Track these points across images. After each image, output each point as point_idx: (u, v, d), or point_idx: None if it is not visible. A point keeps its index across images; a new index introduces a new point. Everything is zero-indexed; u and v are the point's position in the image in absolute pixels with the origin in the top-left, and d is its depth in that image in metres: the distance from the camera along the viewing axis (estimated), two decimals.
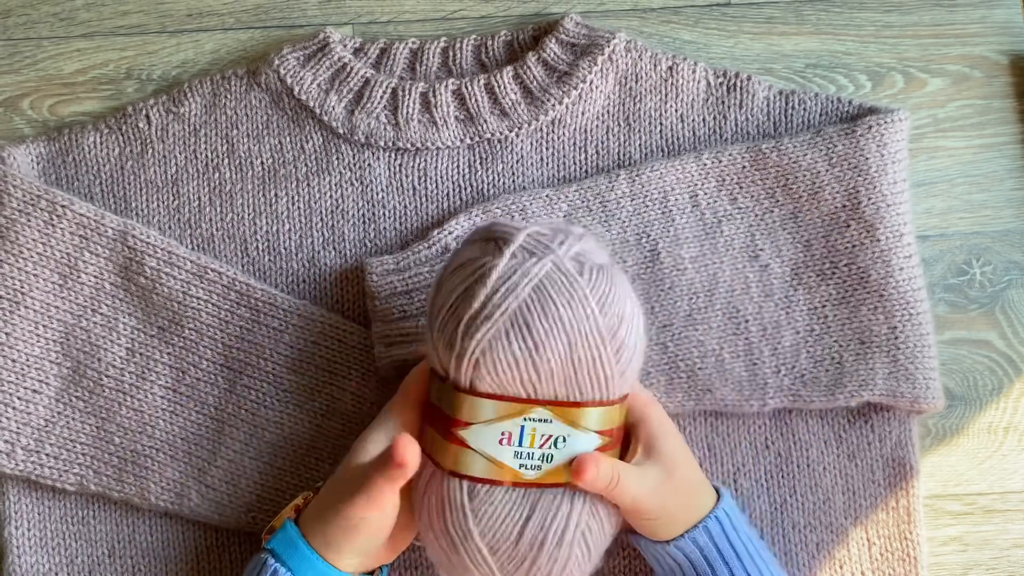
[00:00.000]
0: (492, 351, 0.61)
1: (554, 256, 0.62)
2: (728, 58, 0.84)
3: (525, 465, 0.63)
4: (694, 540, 0.68)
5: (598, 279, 0.62)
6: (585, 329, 0.61)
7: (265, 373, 0.77)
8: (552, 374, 0.61)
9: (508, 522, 0.63)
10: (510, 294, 0.61)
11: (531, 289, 0.61)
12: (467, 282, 0.62)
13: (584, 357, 0.61)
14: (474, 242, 0.65)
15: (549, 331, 0.60)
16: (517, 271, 0.61)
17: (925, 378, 0.76)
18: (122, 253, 0.78)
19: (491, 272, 0.61)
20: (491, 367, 0.61)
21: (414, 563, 0.77)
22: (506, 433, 0.62)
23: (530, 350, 0.60)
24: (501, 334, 0.60)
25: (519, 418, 0.62)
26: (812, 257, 0.78)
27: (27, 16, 0.84)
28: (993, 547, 0.80)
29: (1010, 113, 0.84)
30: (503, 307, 0.61)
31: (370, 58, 0.83)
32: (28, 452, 0.76)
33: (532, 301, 0.61)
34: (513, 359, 0.61)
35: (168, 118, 0.81)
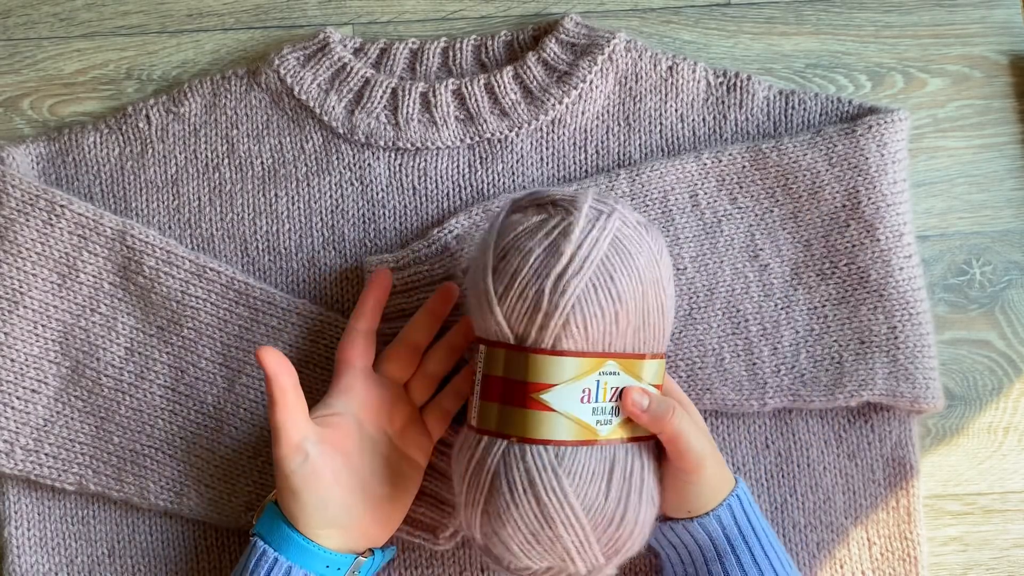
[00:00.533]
0: (582, 304, 0.62)
1: (619, 213, 0.64)
2: (728, 58, 0.84)
3: (600, 421, 0.64)
4: (719, 518, 0.68)
5: (653, 233, 0.66)
6: (654, 277, 0.64)
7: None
8: (629, 324, 0.63)
9: (596, 480, 0.63)
10: (594, 246, 0.63)
11: (610, 242, 0.63)
12: (545, 241, 0.63)
13: (652, 305, 0.64)
14: (524, 208, 0.66)
15: (629, 280, 0.63)
16: (595, 226, 0.63)
17: (925, 378, 0.76)
18: (121, 253, 0.78)
19: (573, 228, 0.63)
20: (579, 322, 0.62)
21: (414, 563, 0.77)
22: (586, 390, 0.63)
23: (614, 300, 0.62)
24: (590, 287, 0.62)
25: (595, 373, 0.63)
26: (812, 257, 0.78)
27: (27, 16, 0.84)
28: (993, 547, 0.80)
29: (1010, 113, 0.84)
30: (590, 258, 0.62)
31: (370, 58, 0.83)
32: (27, 452, 0.76)
33: (612, 253, 0.63)
34: (600, 310, 0.62)
35: (168, 118, 0.81)
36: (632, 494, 0.64)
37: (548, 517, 0.62)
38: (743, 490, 0.70)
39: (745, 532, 0.68)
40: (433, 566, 0.77)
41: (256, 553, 0.67)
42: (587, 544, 0.63)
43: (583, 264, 0.62)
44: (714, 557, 0.68)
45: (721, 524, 0.68)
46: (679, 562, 0.70)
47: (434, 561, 0.77)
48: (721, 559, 0.68)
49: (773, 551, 0.69)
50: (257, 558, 0.67)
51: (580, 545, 0.63)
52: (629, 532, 0.64)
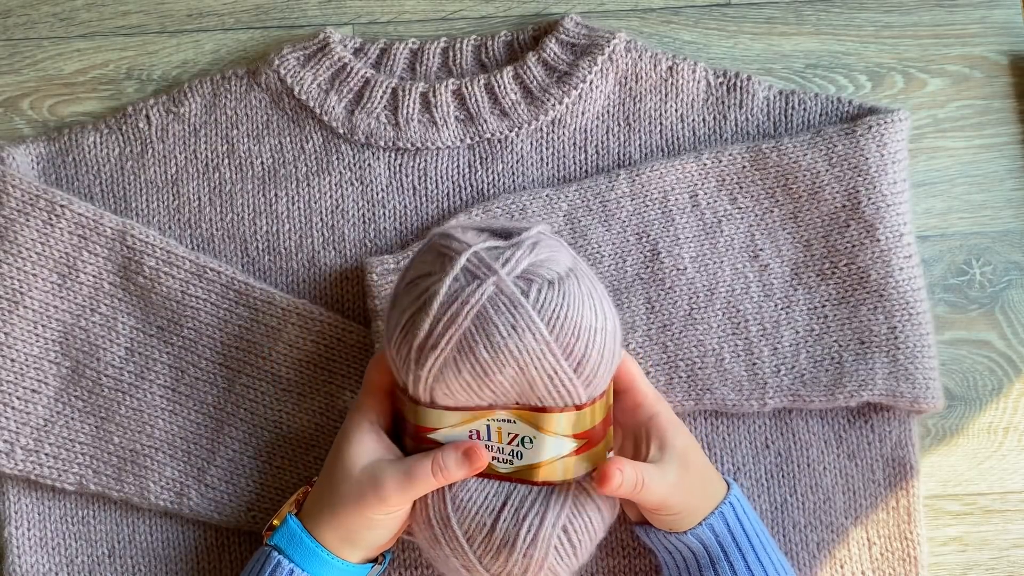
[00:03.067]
0: (444, 376, 0.61)
1: (496, 278, 0.60)
2: (728, 58, 0.84)
3: (497, 459, 0.64)
4: (711, 527, 0.68)
5: (548, 297, 0.60)
6: (535, 352, 0.60)
7: (264, 372, 0.77)
8: (508, 390, 0.61)
9: (483, 511, 0.64)
10: (452, 324, 0.59)
11: (472, 318, 0.59)
12: (413, 307, 0.61)
13: (539, 376, 0.60)
14: (427, 251, 0.63)
15: (495, 358, 0.59)
16: (458, 298, 0.59)
17: (925, 378, 0.76)
18: (121, 253, 0.78)
19: (432, 301, 0.60)
20: (446, 389, 0.61)
21: (414, 563, 0.77)
22: (474, 431, 0.64)
23: (479, 376, 0.60)
24: (450, 362, 0.60)
25: (483, 420, 0.63)
26: (812, 257, 0.78)
27: (27, 16, 0.84)
28: (993, 547, 0.80)
29: (1010, 113, 0.84)
30: (447, 336, 0.60)
31: (370, 58, 0.83)
32: (27, 452, 0.75)
33: (475, 330, 0.59)
34: (465, 383, 0.61)
35: (168, 118, 0.81)
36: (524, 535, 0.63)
37: (435, 537, 0.65)
38: (736, 496, 0.70)
39: (738, 538, 0.68)
40: (433, 566, 0.77)
41: (271, 564, 0.67)
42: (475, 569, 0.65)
43: (440, 340, 0.60)
44: (707, 564, 0.68)
45: (714, 532, 0.68)
46: (674, 566, 0.70)
47: None
48: (714, 565, 0.68)
49: (767, 556, 0.69)
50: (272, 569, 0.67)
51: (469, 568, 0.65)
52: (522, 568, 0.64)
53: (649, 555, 0.77)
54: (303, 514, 0.68)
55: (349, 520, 0.66)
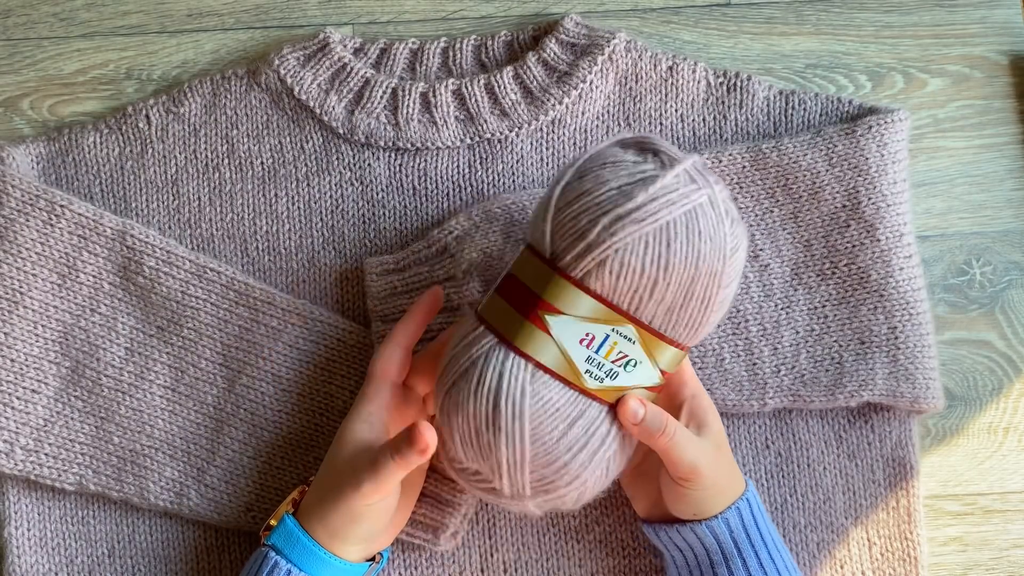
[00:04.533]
0: (625, 253, 0.61)
1: (711, 191, 0.63)
2: (728, 58, 0.84)
3: (591, 372, 0.63)
4: (727, 521, 0.68)
5: (736, 230, 0.64)
6: (712, 269, 0.62)
7: (264, 372, 0.77)
8: (663, 298, 0.62)
9: (556, 418, 0.63)
10: (667, 207, 0.61)
11: (685, 211, 0.62)
12: (623, 179, 0.62)
13: (698, 294, 0.63)
14: (627, 146, 0.65)
15: (685, 256, 0.61)
16: (679, 189, 0.62)
17: (925, 378, 0.76)
18: (121, 253, 0.78)
19: (656, 180, 0.62)
20: (615, 268, 0.61)
21: (414, 563, 0.77)
22: (589, 335, 0.63)
23: (659, 267, 0.61)
24: (641, 242, 0.61)
25: (608, 326, 0.63)
26: (812, 257, 0.78)
27: (27, 16, 0.84)
28: (993, 547, 0.80)
29: (1010, 113, 0.84)
30: (657, 216, 0.61)
31: (370, 58, 0.83)
32: (27, 452, 0.75)
33: (680, 223, 0.61)
34: (640, 268, 0.61)
35: (168, 118, 0.81)
36: (585, 451, 0.63)
37: (496, 424, 0.62)
38: (753, 494, 0.70)
39: (752, 536, 0.68)
40: (433, 566, 0.77)
41: (268, 564, 0.67)
42: (519, 468, 0.63)
43: (646, 217, 0.61)
44: (720, 560, 0.68)
45: (728, 527, 0.68)
46: (684, 564, 0.70)
47: (434, 561, 0.77)
48: (727, 562, 0.68)
49: (780, 556, 0.69)
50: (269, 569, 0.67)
51: (513, 466, 0.63)
52: (566, 482, 0.64)
53: (649, 555, 0.77)
54: (300, 513, 0.69)
55: (335, 514, 0.66)
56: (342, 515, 0.66)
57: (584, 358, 0.63)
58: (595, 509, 0.77)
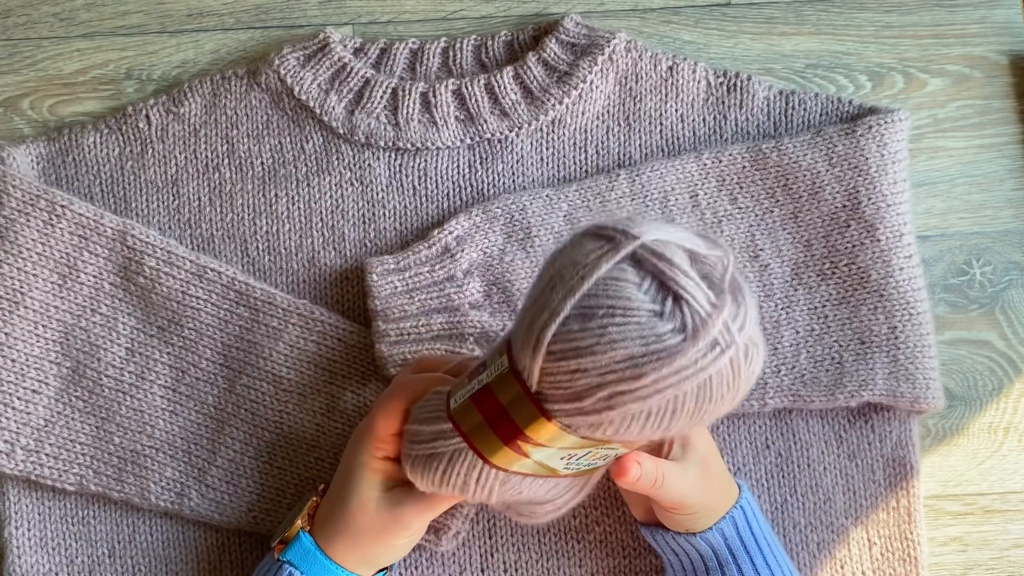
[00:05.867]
0: (623, 423, 0.54)
1: (734, 350, 0.52)
2: (728, 58, 0.84)
3: (568, 467, 0.62)
4: (721, 531, 0.68)
5: (754, 367, 0.54)
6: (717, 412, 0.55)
7: (265, 372, 0.77)
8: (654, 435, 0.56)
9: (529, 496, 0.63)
10: (679, 383, 0.52)
11: (698, 383, 0.52)
12: (634, 346, 0.51)
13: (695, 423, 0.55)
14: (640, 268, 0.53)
15: (691, 419, 0.54)
16: (696, 362, 0.51)
17: (925, 378, 0.76)
18: (121, 253, 0.77)
19: (673, 359, 0.51)
20: (609, 431, 0.54)
21: (414, 563, 0.77)
22: (572, 454, 0.59)
23: (662, 429, 0.54)
24: (643, 413, 0.53)
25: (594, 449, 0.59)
26: (812, 257, 0.78)
27: (27, 16, 0.84)
28: (993, 547, 0.80)
29: (1010, 113, 0.84)
30: (664, 394, 0.52)
31: (370, 58, 0.83)
32: (28, 452, 0.75)
33: (691, 393, 0.52)
34: (638, 431, 0.54)
35: (168, 118, 0.81)
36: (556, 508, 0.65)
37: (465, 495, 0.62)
38: (747, 500, 0.70)
39: (747, 542, 0.68)
40: (433, 566, 0.77)
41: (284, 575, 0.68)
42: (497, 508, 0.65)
43: (653, 395, 0.52)
44: (715, 567, 0.68)
45: (723, 536, 0.68)
46: (680, 568, 0.70)
47: (434, 561, 0.77)
48: (723, 568, 0.68)
49: (776, 560, 0.69)
50: None
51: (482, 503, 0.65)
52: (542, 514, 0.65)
53: (649, 555, 0.77)
54: (315, 530, 0.69)
55: (371, 547, 0.67)
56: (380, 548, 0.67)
57: (563, 465, 0.61)
58: (595, 509, 0.77)
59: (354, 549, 0.67)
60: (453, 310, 0.76)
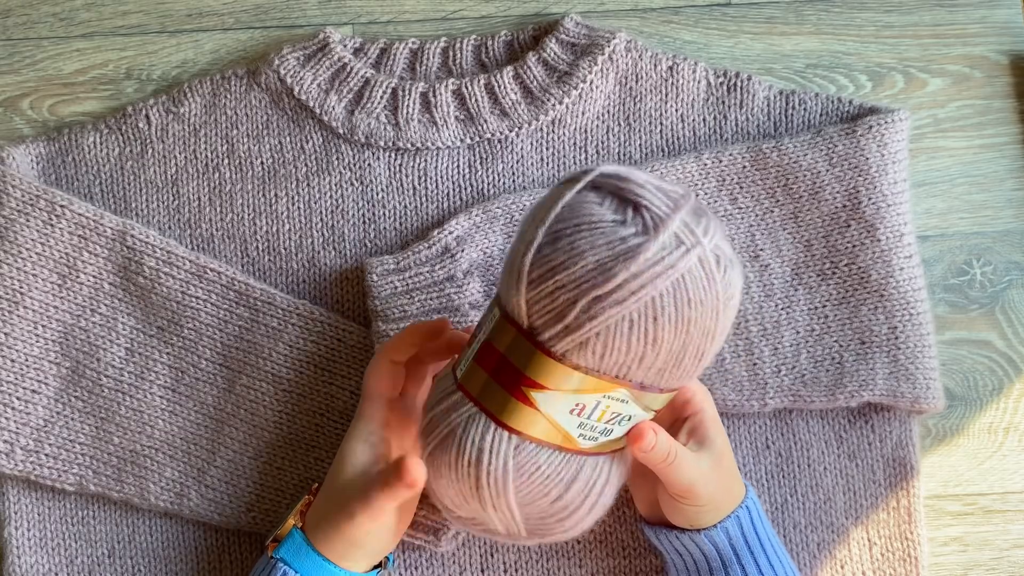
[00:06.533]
0: (608, 335, 0.56)
1: (701, 250, 0.56)
2: (728, 58, 0.84)
3: (584, 435, 0.60)
4: (726, 530, 0.68)
5: (730, 277, 0.58)
6: (705, 328, 0.57)
7: (264, 373, 0.77)
8: (654, 364, 0.58)
9: (550, 483, 0.61)
10: (651, 282, 0.55)
11: (672, 282, 0.55)
12: (601, 252, 0.55)
13: (691, 352, 0.58)
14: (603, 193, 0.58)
15: (675, 328, 0.56)
16: (663, 260, 0.55)
17: (925, 378, 0.76)
18: (121, 253, 0.77)
19: (637, 255, 0.55)
20: (598, 349, 0.56)
21: (414, 563, 0.77)
22: (580, 405, 0.59)
23: (648, 342, 0.56)
24: (625, 320, 0.56)
25: (599, 394, 0.59)
26: (812, 257, 0.78)
27: (27, 16, 0.84)
28: (993, 547, 0.80)
29: (1010, 113, 0.84)
30: (640, 294, 0.55)
31: (370, 58, 0.83)
32: (27, 452, 0.75)
33: (668, 295, 0.55)
34: (627, 346, 0.56)
35: (168, 118, 0.81)
36: (585, 504, 0.62)
37: (481, 495, 0.60)
38: (753, 501, 0.70)
39: (752, 543, 0.68)
40: (433, 566, 0.77)
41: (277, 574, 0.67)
42: (513, 523, 0.61)
43: (628, 297, 0.55)
44: (719, 567, 0.68)
45: (728, 536, 0.68)
46: (683, 568, 0.70)
47: (434, 561, 0.77)
48: (726, 569, 0.68)
49: (780, 562, 0.69)
50: None
51: (505, 522, 0.61)
52: (564, 529, 0.63)
53: (649, 555, 0.77)
54: (307, 526, 0.69)
55: (337, 539, 0.66)
56: (343, 541, 0.66)
57: (576, 425, 0.60)
58: None
59: (333, 535, 0.67)
60: (453, 310, 0.76)
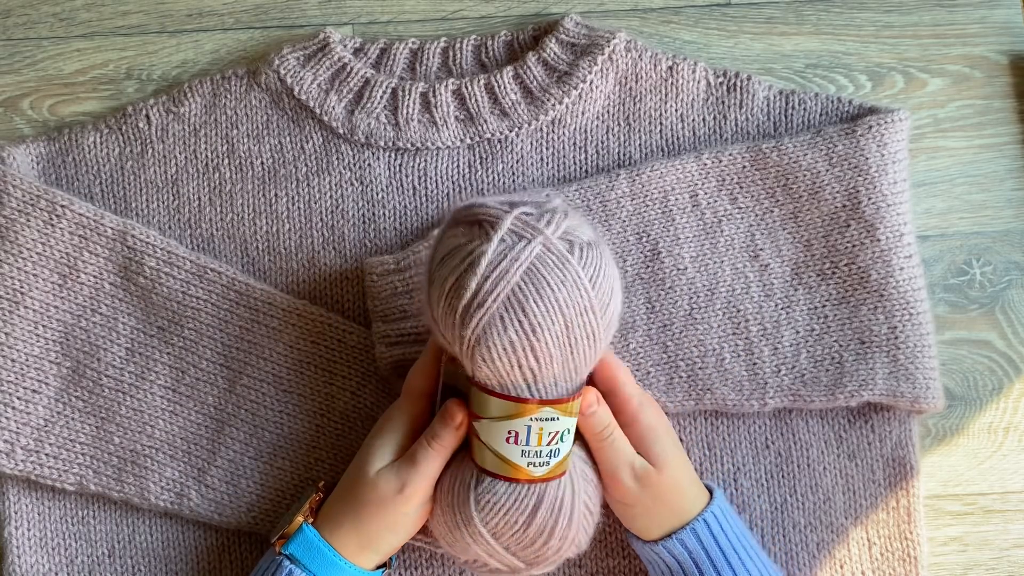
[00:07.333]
0: (488, 337, 0.60)
1: (543, 237, 0.61)
2: (728, 58, 0.84)
3: (533, 463, 0.63)
4: (682, 542, 0.68)
5: (588, 255, 0.62)
6: (581, 307, 0.61)
7: (265, 373, 0.77)
8: (551, 357, 0.61)
9: (514, 513, 0.64)
10: (501, 279, 0.60)
11: (523, 273, 0.60)
12: (457, 272, 0.61)
13: (580, 335, 0.61)
14: (458, 224, 0.63)
15: (546, 312, 0.60)
16: (507, 256, 0.60)
17: (925, 378, 0.76)
18: (121, 253, 0.78)
19: (480, 260, 0.60)
20: (487, 354, 0.60)
21: (414, 563, 0.77)
22: (512, 432, 0.63)
23: (527, 333, 0.60)
24: (496, 320, 0.60)
25: (525, 418, 0.62)
26: (812, 257, 0.78)
27: (27, 16, 0.84)
28: (993, 547, 0.80)
29: (1010, 113, 0.84)
30: (495, 293, 0.60)
31: (370, 58, 0.83)
32: (28, 452, 0.75)
33: (525, 284, 0.60)
34: (510, 343, 0.60)
35: (168, 118, 0.81)
36: (560, 521, 0.65)
37: (458, 528, 0.65)
38: (716, 510, 0.70)
39: (714, 556, 0.68)
40: (433, 567, 0.77)
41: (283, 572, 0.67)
42: (499, 555, 0.65)
43: (487, 298, 0.60)
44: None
45: (686, 548, 0.68)
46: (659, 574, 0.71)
47: (434, 562, 0.77)
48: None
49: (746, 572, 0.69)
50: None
51: (491, 555, 0.66)
52: (556, 549, 0.66)
53: None
54: (319, 523, 0.69)
55: (372, 524, 0.67)
56: (379, 524, 0.67)
57: (519, 453, 0.63)
58: None
59: (354, 530, 0.67)
60: None
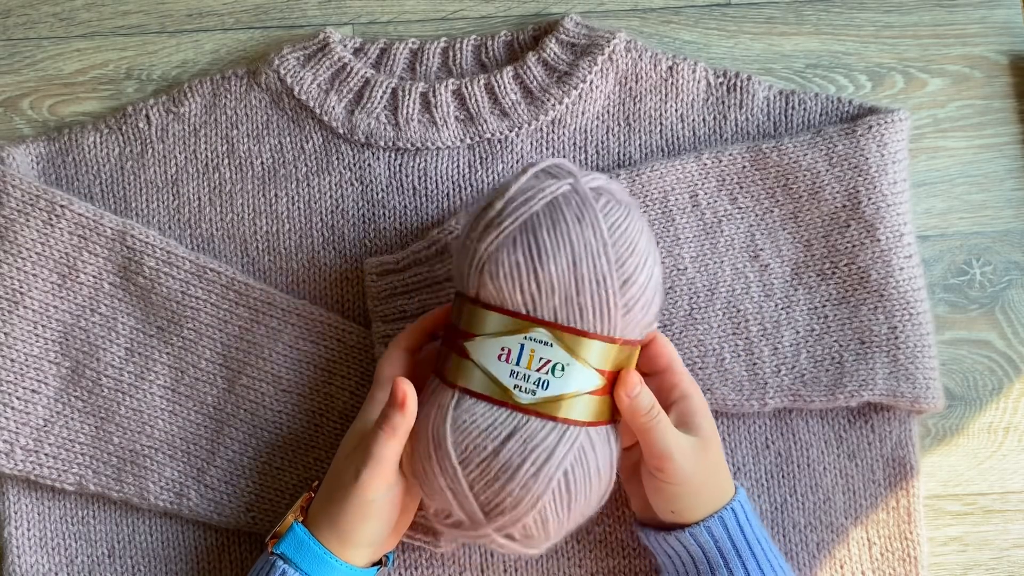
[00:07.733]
0: (497, 255, 0.63)
1: (573, 180, 0.65)
2: (728, 58, 0.84)
3: (520, 387, 0.63)
4: (710, 530, 0.68)
5: (614, 208, 0.65)
6: (592, 250, 0.63)
7: (264, 373, 0.77)
8: (553, 289, 0.63)
9: (485, 437, 0.63)
10: (523, 205, 0.64)
11: (544, 204, 0.64)
12: (491, 197, 0.66)
13: (587, 278, 0.63)
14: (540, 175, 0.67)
15: (554, 243, 0.63)
16: (535, 187, 0.65)
17: (925, 378, 0.76)
18: (121, 253, 0.78)
19: (511, 185, 0.65)
20: (494, 270, 0.63)
21: (414, 563, 0.77)
22: (506, 349, 0.64)
23: (533, 259, 0.63)
24: (508, 240, 0.63)
25: (520, 335, 0.63)
26: (812, 257, 0.78)
27: (27, 16, 0.84)
28: (993, 547, 0.80)
29: (1010, 113, 0.84)
30: (514, 216, 0.64)
31: (370, 58, 0.83)
32: (27, 452, 0.75)
33: (543, 215, 0.64)
34: (516, 265, 0.63)
35: (168, 118, 0.81)
36: (525, 466, 0.62)
37: (429, 457, 0.64)
38: (742, 501, 0.69)
39: (739, 546, 0.68)
40: (433, 567, 0.77)
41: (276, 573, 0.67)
42: (462, 492, 0.64)
43: (506, 219, 0.64)
44: (707, 570, 0.68)
45: (712, 536, 0.68)
46: (674, 571, 0.70)
47: (434, 562, 0.77)
48: (713, 572, 0.68)
49: (769, 565, 0.68)
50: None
51: (455, 491, 0.64)
52: (514, 502, 0.63)
53: (649, 555, 0.77)
54: (308, 520, 0.69)
55: (343, 516, 0.66)
56: (350, 514, 0.66)
57: (508, 373, 0.64)
58: None
59: (332, 525, 0.67)
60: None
